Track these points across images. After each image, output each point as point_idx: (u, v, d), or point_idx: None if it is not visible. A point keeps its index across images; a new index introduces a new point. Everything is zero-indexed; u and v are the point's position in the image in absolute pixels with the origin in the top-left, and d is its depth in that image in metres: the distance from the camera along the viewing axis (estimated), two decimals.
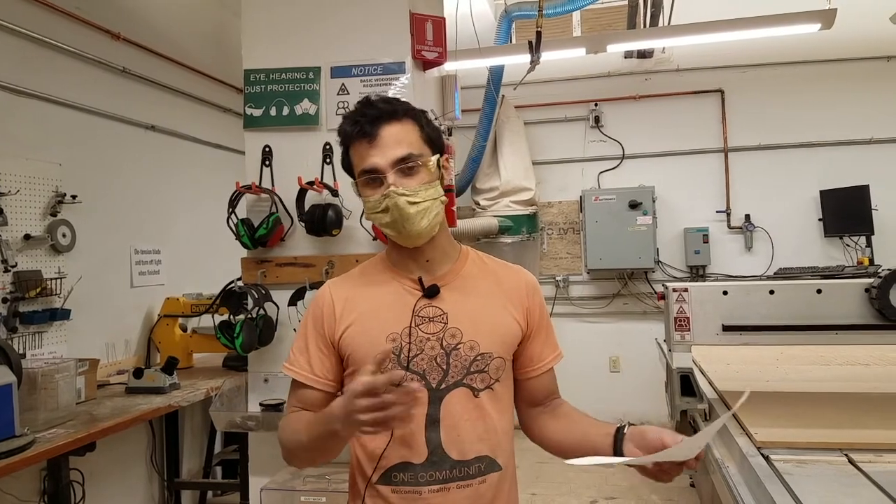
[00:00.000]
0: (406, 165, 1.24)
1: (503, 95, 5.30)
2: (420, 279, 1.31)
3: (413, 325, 1.27)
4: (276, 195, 2.32)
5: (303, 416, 1.29)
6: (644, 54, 5.45)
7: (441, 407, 1.25)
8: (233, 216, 2.31)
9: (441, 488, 1.24)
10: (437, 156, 1.29)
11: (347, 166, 1.34)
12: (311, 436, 1.22)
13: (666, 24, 4.49)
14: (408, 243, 1.30)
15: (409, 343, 1.26)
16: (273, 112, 2.38)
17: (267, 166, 2.38)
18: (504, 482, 1.31)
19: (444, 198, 1.30)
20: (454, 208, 2.75)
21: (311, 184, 2.27)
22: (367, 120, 1.25)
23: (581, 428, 1.33)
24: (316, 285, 2.23)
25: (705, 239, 5.37)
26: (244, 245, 2.33)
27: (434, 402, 1.25)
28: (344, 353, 1.31)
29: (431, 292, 1.30)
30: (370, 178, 1.26)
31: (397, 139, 1.25)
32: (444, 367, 1.26)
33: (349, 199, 2.27)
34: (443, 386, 1.26)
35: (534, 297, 1.39)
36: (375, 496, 1.27)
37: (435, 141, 1.31)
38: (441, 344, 1.27)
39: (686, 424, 2.37)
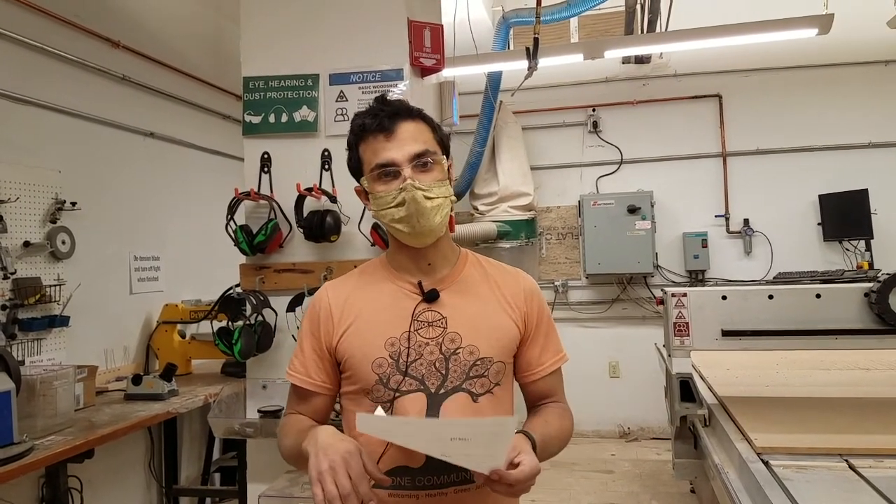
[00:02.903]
0: (422, 161, 1.25)
1: (501, 101, 5.31)
2: (420, 283, 1.31)
3: (412, 329, 1.27)
4: (275, 201, 2.32)
5: (297, 422, 1.31)
6: (641, 60, 5.47)
7: (439, 412, 1.25)
8: (231, 222, 2.31)
9: (438, 493, 1.24)
10: (446, 158, 1.32)
11: (356, 164, 1.32)
12: (294, 444, 1.23)
13: (663, 29, 4.50)
14: (417, 242, 1.29)
15: (408, 348, 1.26)
16: (272, 119, 2.38)
17: (266, 173, 2.38)
18: None
19: (453, 197, 1.32)
20: (453, 213, 2.75)
21: (309, 190, 2.27)
22: (385, 115, 1.26)
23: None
24: (314, 291, 2.23)
25: (704, 244, 5.37)
26: (243, 251, 2.33)
27: (432, 408, 1.25)
28: (341, 357, 1.30)
29: (431, 297, 1.30)
30: (385, 173, 1.25)
31: (413, 136, 1.26)
32: (444, 372, 1.26)
33: (347, 205, 2.27)
34: (441, 391, 1.26)
35: (532, 302, 1.38)
36: None
37: (445, 144, 1.33)
38: (440, 349, 1.26)
39: (686, 430, 2.37)
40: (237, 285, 2.37)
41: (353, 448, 1.10)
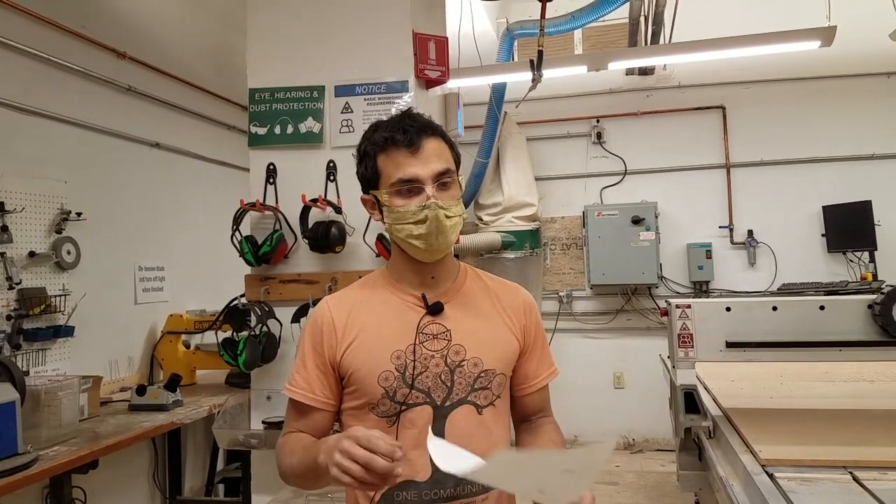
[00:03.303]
0: (443, 180, 1.26)
1: (505, 112, 5.33)
2: (423, 296, 1.31)
3: (417, 342, 1.27)
4: (280, 212, 2.33)
5: (299, 440, 1.28)
6: (645, 71, 5.48)
7: (446, 424, 1.25)
8: (237, 233, 2.32)
9: None
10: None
11: (372, 175, 1.30)
12: (302, 461, 1.20)
13: (667, 41, 4.52)
14: (430, 257, 1.30)
15: (414, 361, 1.25)
16: (277, 130, 2.40)
17: (271, 184, 2.39)
18: (504, 497, 1.31)
19: (465, 214, 1.32)
20: None
21: (314, 201, 2.28)
22: (413, 130, 1.26)
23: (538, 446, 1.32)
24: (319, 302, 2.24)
25: (708, 254, 5.37)
26: (248, 262, 2.34)
27: (439, 420, 1.25)
28: (345, 372, 1.29)
29: (435, 309, 1.30)
30: (408, 188, 1.25)
31: (437, 153, 1.27)
32: (449, 384, 1.26)
33: (353, 215, 2.29)
34: (447, 403, 1.26)
35: (530, 315, 1.40)
36: None
37: (458, 161, 1.34)
38: (445, 361, 1.27)
39: (690, 442, 2.36)
40: (242, 296, 2.38)
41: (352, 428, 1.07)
